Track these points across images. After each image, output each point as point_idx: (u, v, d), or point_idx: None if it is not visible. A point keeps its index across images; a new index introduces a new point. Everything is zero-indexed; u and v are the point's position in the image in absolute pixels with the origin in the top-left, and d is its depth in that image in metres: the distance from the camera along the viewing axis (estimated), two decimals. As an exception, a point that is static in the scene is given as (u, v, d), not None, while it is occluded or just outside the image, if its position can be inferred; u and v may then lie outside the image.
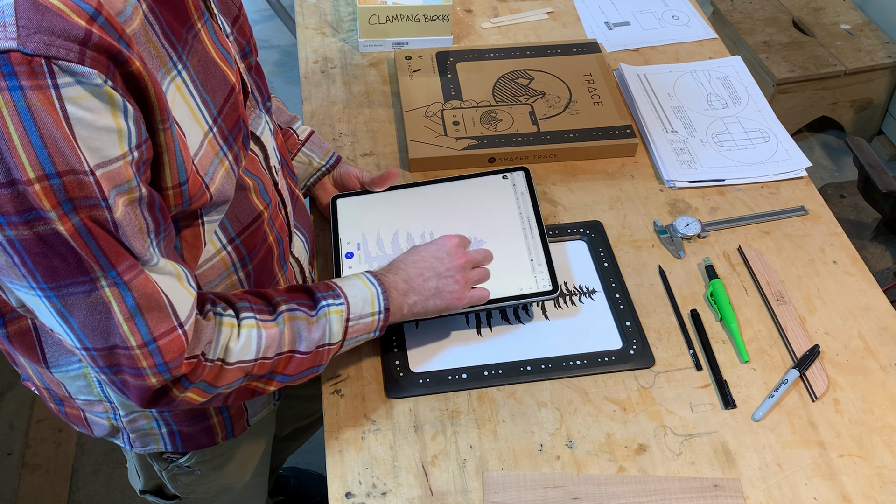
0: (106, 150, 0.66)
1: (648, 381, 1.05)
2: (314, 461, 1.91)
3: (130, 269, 0.71)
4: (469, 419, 1.01)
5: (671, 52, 1.56)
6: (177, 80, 0.75)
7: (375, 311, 0.93)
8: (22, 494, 1.87)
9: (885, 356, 1.08)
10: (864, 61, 2.55)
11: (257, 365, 0.85)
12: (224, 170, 0.82)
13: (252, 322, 0.85)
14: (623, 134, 1.34)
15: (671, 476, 0.96)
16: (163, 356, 0.76)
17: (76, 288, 0.70)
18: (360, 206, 1.19)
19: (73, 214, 0.65)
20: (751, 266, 1.18)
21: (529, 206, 1.17)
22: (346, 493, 0.94)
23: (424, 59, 1.47)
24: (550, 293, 1.07)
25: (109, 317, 0.72)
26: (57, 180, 0.63)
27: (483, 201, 1.18)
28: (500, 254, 1.11)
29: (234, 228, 0.90)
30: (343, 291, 0.92)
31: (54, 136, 0.62)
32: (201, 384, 0.81)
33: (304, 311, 0.89)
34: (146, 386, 0.78)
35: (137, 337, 0.74)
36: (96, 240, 0.68)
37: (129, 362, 0.75)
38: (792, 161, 1.34)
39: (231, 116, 0.83)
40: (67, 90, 0.62)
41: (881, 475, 0.97)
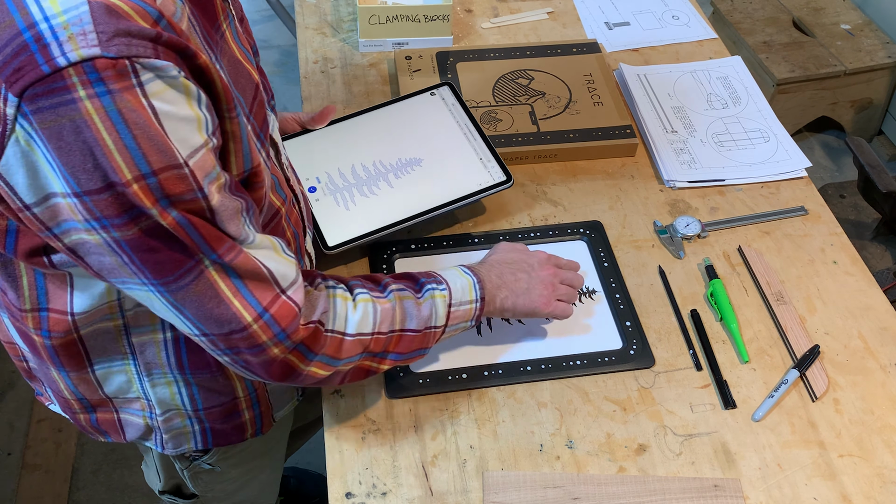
0: (191, 139, 0.67)
1: (648, 381, 1.05)
2: (314, 461, 1.91)
3: (230, 250, 0.74)
4: (469, 419, 1.01)
5: (671, 52, 1.57)
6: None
7: (473, 300, 0.96)
8: (22, 494, 1.87)
9: (885, 356, 1.09)
10: (864, 61, 2.55)
11: (374, 340, 0.88)
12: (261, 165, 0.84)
13: (367, 297, 0.88)
14: (623, 134, 1.34)
15: (671, 476, 0.96)
16: (278, 324, 0.78)
17: (184, 279, 0.72)
18: (306, 144, 1.23)
19: (171, 209, 0.67)
20: (751, 266, 1.18)
21: (464, 115, 1.25)
22: (346, 493, 0.94)
23: (424, 59, 1.47)
24: (505, 182, 1.17)
25: (220, 300, 0.75)
26: (154, 179, 0.65)
27: (420, 119, 1.26)
28: (451, 159, 1.20)
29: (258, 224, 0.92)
30: (444, 278, 0.96)
31: (148, 133, 0.64)
32: (323, 357, 0.84)
33: (411, 291, 0.92)
34: (270, 359, 0.80)
35: (251, 310, 0.76)
36: (196, 228, 0.70)
37: (248, 342, 0.78)
38: (792, 161, 1.34)
39: (259, 114, 0.85)
40: (150, 86, 0.63)
41: (881, 475, 0.97)
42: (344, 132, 1.24)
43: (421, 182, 1.18)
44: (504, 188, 1.17)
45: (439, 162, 1.20)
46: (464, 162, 1.20)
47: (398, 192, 1.16)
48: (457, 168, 1.19)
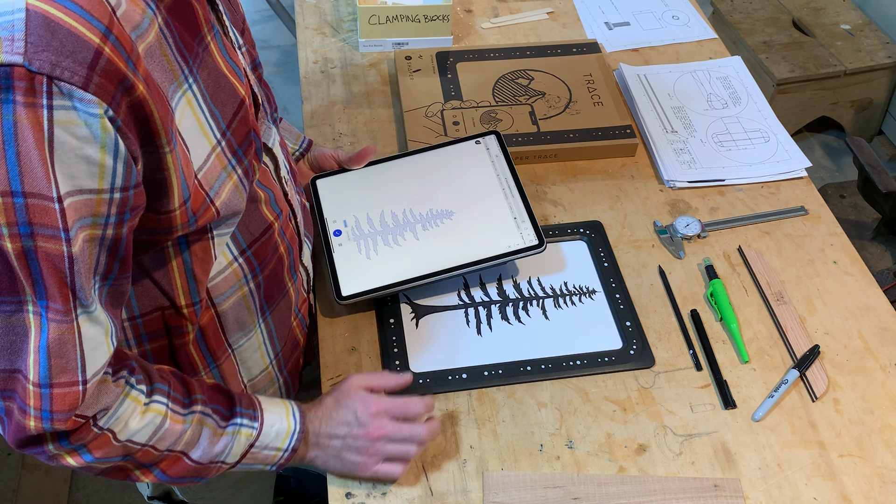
0: (82, 179, 0.63)
1: (648, 381, 1.05)
2: (314, 461, 1.90)
3: (59, 312, 0.67)
4: (469, 419, 1.01)
5: (671, 52, 1.57)
6: (188, 94, 0.74)
7: (284, 448, 0.89)
8: (22, 494, 1.87)
9: (885, 356, 1.08)
10: (864, 61, 2.55)
11: (143, 451, 0.80)
12: (232, 183, 0.81)
13: (161, 408, 0.80)
14: (623, 134, 1.34)
15: (671, 476, 0.96)
16: (51, 404, 0.70)
17: (2, 306, 0.66)
18: (340, 184, 1.19)
19: (27, 238, 0.63)
20: (751, 266, 1.18)
21: (506, 167, 1.20)
22: (346, 494, 0.94)
23: (424, 59, 1.47)
24: (537, 247, 1.10)
25: (25, 341, 0.68)
26: (21, 199, 0.61)
27: (460, 167, 1.20)
28: (484, 215, 1.14)
29: (246, 240, 0.89)
30: (262, 416, 0.87)
31: (31, 155, 0.60)
32: (80, 448, 0.76)
33: (216, 419, 0.84)
34: (23, 425, 0.72)
35: (35, 373, 0.69)
36: (41, 268, 0.65)
37: (23, 392, 0.70)
38: (792, 161, 1.34)
39: (240, 130, 0.81)
40: (60, 113, 0.60)
41: (881, 475, 0.97)
42: (380, 175, 1.20)
43: (449, 237, 1.12)
44: (535, 253, 1.10)
45: (471, 217, 1.14)
46: (497, 220, 1.13)
47: (423, 245, 1.11)
48: (488, 226, 1.13)
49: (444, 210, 1.15)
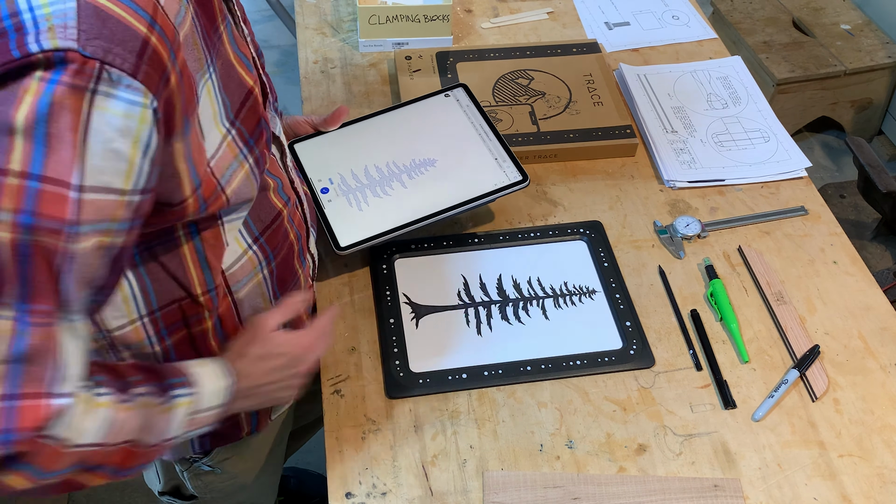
0: (108, 175, 0.62)
1: (648, 381, 1.05)
2: (314, 461, 1.90)
3: (44, 315, 0.62)
4: (469, 419, 1.01)
5: (671, 52, 1.56)
6: (208, 83, 0.75)
7: (219, 404, 0.83)
8: (22, 494, 1.87)
9: (885, 356, 1.08)
10: (864, 61, 2.55)
11: (95, 452, 0.70)
12: (244, 172, 0.81)
13: (108, 400, 0.70)
14: (623, 134, 1.34)
15: (671, 476, 0.96)
16: (16, 420, 0.61)
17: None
18: (319, 146, 1.22)
19: (25, 230, 0.59)
20: (751, 266, 1.18)
21: (478, 115, 1.23)
22: (346, 493, 0.94)
23: (424, 59, 1.47)
24: (522, 182, 1.15)
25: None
26: (36, 184, 0.59)
27: (434, 119, 1.24)
28: (466, 159, 1.18)
29: (258, 227, 0.90)
30: (195, 379, 0.80)
31: (62, 136, 0.59)
32: (29, 468, 0.65)
33: (156, 396, 0.76)
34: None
35: (5, 388, 0.61)
36: (32, 265, 0.60)
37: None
38: (792, 161, 1.34)
39: (250, 119, 0.81)
40: (101, 99, 0.60)
41: (881, 475, 0.97)
42: (357, 134, 1.23)
43: (435, 182, 1.16)
44: (520, 188, 1.15)
45: (454, 162, 1.18)
46: (479, 162, 1.18)
47: (412, 193, 1.14)
48: (472, 168, 1.17)
49: (426, 159, 1.18)
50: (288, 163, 0.99)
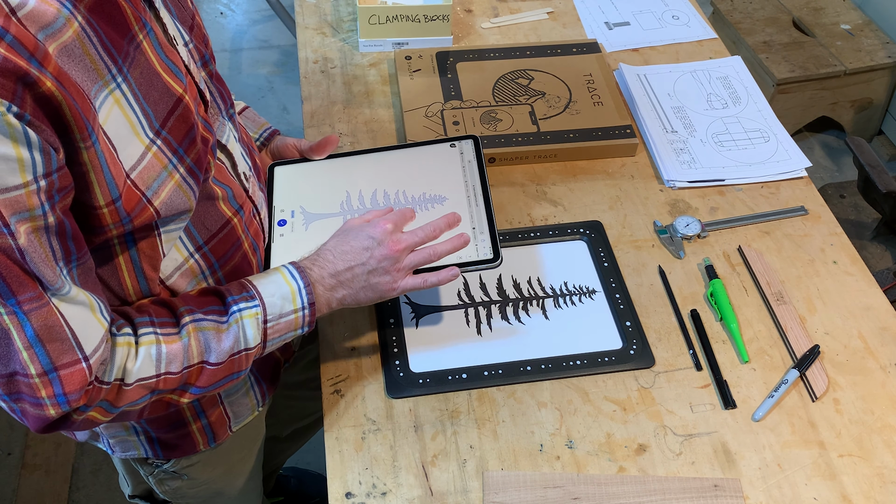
0: (3, 177, 0.64)
1: (648, 381, 1.05)
2: (314, 461, 1.91)
3: (32, 299, 0.69)
4: (469, 419, 1.01)
5: (671, 52, 1.57)
6: (115, 93, 0.73)
7: (299, 308, 0.89)
8: (22, 494, 1.87)
9: (885, 356, 1.08)
10: (864, 61, 2.55)
11: (161, 381, 0.81)
12: (174, 182, 0.80)
13: (151, 338, 0.81)
14: (623, 134, 1.34)
15: (671, 476, 0.96)
16: (63, 387, 0.73)
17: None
18: (299, 173, 1.13)
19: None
20: (751, 266, 1.18)
21: (476, 174, 1.11)
22: (346, 493, 0.94)
23: (424, 59, 1.47)
24: (491, 261, 1.01)
25: (9, 343, 0.70)
26: None
27: (428, 169, 1.12)
28: None
29: (202, 236, 0.89)
30: (258, 292, 0.87)
31: None
32: (102, 403, 0.78)
33: (213, 319, 0.84)
34: (45, 416, 0.74)
35: (37, 365, 0.71)
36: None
37: (29, 391, 0.73)
38: (792, 161, 1.34)
39: (179, 128, 0.80)
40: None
41: (881, 475, 0.97)
42: (339, 168, 1.14)
43: None
44: (486, 267, 1.02)
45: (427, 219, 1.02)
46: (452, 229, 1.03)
47: None
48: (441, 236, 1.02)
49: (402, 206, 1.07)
50: (242, 171, 0.96)
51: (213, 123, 0.90)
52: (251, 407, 1.09)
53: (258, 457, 1.26)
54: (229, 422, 1.06)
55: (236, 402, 1.06)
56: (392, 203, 1.08)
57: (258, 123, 1.18)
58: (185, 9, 0.90)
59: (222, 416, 1.05)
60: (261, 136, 1.17)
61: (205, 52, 0.92)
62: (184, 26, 0.88)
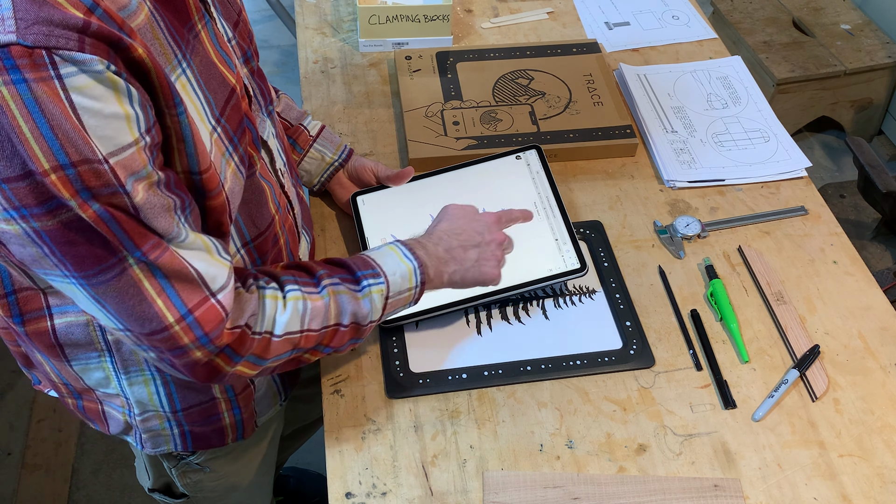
0: (117, 137, 0.66)
1: (648, 381, 1.05)
2: (314, 462, 1.91)
3: (155, 247, 0.72)
4: (469, 419, 1.01)
5: (671, 52, 1.57)
6: (182, 78, 0.75)
7: (413, 286, 0.94)
8: (22, 494, 1.87)
9: (885, 356, 1.08)
10: (864, 61, 2.55)
11: (304, 337, 0.86)
12: (231, 170, 0.82)
13: (298, 294, 0.85)
14: (623, 134, 1.34)
15: (671, 476, 0.96)
16: (202, 328, 0.77)
17: (106, 274, 0.70)
18: (381, 200, 1.20)
19: (92, 202, 0.66)
20: (751, 266, 1.18)
21: (546, 184, 1.19)
22: (346, 493, 0.94)
23: (424, 59, 1.47)
24: (579, 271, 1.10)
25: (142, 297, 0.73)
26: (72, 170, 0.64)
27: (501, 184, 1.20)
28: (525, 235, 1.13)
29: (251, 233, 0.92)
30: (382, 270, 0.92)
31: (64, 126, 0.62)
32: (251, 357, 0.83)
33: (348, 286, 0.90)
34: (193, 361, 0.79)
35: (174, 311, 0.75)
36: (119, 223, 0.68)
37: (170, 343, 0.76)
38: (792, 161, 1.34)
39: (234, 118, 0.83)
40: (71, 80, 0.62)
41: (881, 475, 0.97)
42: (420, 192, 1.20)
43: None
44: (576, 277, 1.09)
45: (513, 236, 1.09)
46: (538, 241, 1.13)
47: None
48: (529, 248, 1.12)
49: None
50: (279, 167, 0.98)
51: (255, 119, 0.92)
52: (274, 402, 1.10)
53: (273, 452, 1.27)
54: (256, 416, 1.08)
55: (262, 397, 1.07)
56: None
57: (335, 143, 1.22)
58: (233, 5, 0.92)
59: (252, 411, 1.06)
60: (339, 156, 1.21)
61: (248, 49, 0.95)
62: (228, 22, 0.90)
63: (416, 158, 1.29)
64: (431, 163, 1.30)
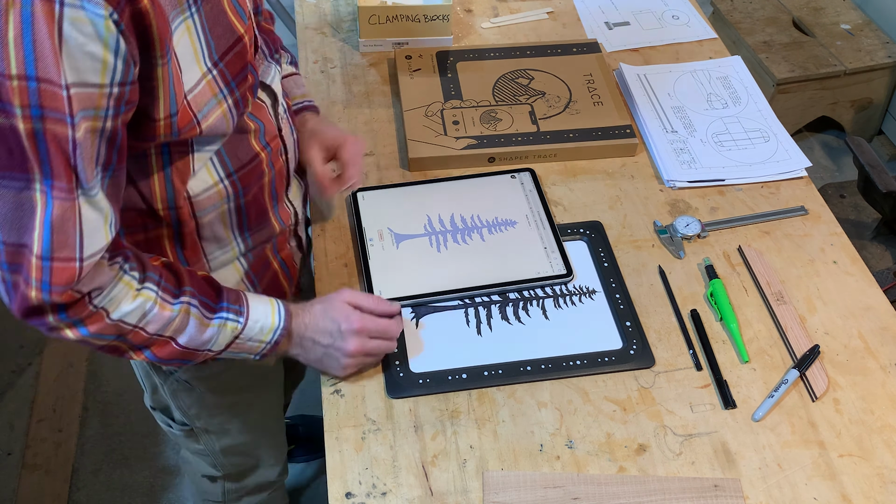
0: (86, 74, 0.71)
1: (648, 381, 1.05)
2: (314, 461, 1.90)
3: (63, 190, 0.75)
4: (469, 419, 1.01)
5: (671, 52, 1.56)
6: (188, 22, 0.82)
7: (266, 342, 0.98)
8: (22, 494, 1.87)
9: (885, 356, 1.09)
10: (864, 61, 2.55)
11: (133, 332, 0.88)
12: (221, 111, 0.88)
13: (152, 294, 0.88)
14: (623, 134, 1.34)
15: (671, 476, 0.96)
16: (51, 276, 0.79)
17: (11, 182, 0.74)
18: (381, 198, 1.25)
19: (37, 120, 0.71)
20: (751, 266, 1.18)
21: (538, 202, 1.24)
22: (346, 493, 0.94)
23: (424, 58, 1.47)
24: (565, 276, 1.14)
25: (32, 216, 0.76)
26: (34, 84, 0.69)
27: (495, 197, 1.25)
28: (517, 242, 1.18)
29: (234, 165, 0.97)
30: (248, 312, 0.96)
31: (44, 44, 0.68)
32: (77, 322, 0.84)
33: (204, 311, 0.92)
34: (27, 296, 0.80)
35: (39, 246, 0.77)
36: (49, 148, 0.72)
37: (28, 267, 0.79)
38: (792, 161, 1.34)
39: (235, 63, 0.88)
40: (70, 10, 0.68)
41: (881, 475, 0.97)
42: (416, 194, 1.25)
43: (479, 254, 1.17)
44: (561, 282, 1.14)
45: (503, 239, 1.19)
46: (527, 246, 1.18)
47: (455, 258, 1.16)
48: (519, 249, 1.17)
49: (478, 225, 1.20)
50: (280, 112, 1.03)
51: (259, 66, 0.98)
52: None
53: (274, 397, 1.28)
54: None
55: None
56: (468, 225, 1.20)
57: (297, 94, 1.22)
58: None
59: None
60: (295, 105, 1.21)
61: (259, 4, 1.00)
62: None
63: (415, 158, 1.29)
64: (431, 162, 1.30)
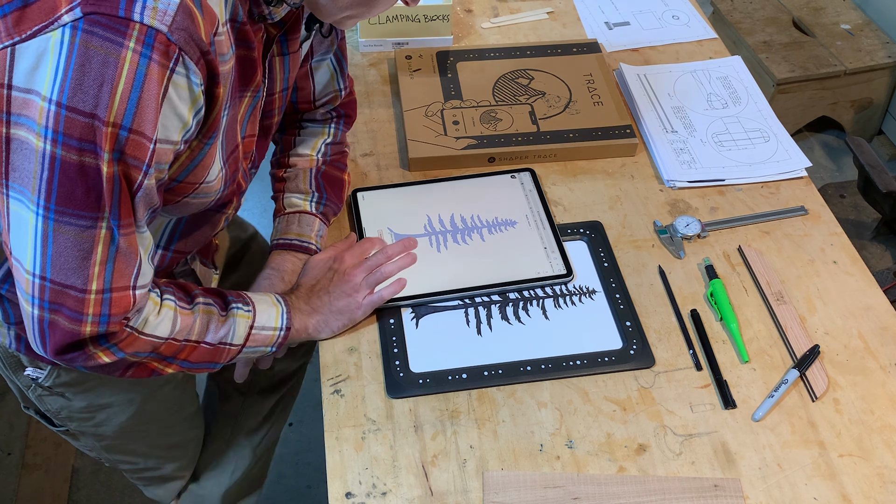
0: (171, 132, 0.79)
1: (648, 381, 1.05)
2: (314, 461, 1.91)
3: (129, 225, 0.81)
4: (469, 419, 1.01)
5: (671, 52, 1.56)
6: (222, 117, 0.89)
7: (278, 327, 1.02)
8: (22, 494, 1.87)
9: (885, 356, 1.08)
10: (864, 61, 2.55)
11: (166, 344, 0.92)
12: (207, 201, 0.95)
13: (172, 304, 0.93)
14: (623, 134, 1.34)
15: (671, 476, 0.96)
16: (111, 308, 0.83)
17: (79, 220, 0.78)
18: (380, 198, 1.25)
19: (118, 163, 0.76)
20: (751, 266, 1.18)
21: (538, 202, 1.24)
22: (346, 493, 0.94)
23: (424, 58, 1.47)
24: (565, 276, 1.14)
25: (88, 257, 0.80)
26: (125, 133, 0.75)
27: (495, 197, 1.25)
28: (517, 242, 1.18)
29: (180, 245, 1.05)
30: (252, 302, 1.01)
31: (149, 102, 0.75)
32: (113, 347, 0.88)
33: (217, 307, 0.98)
34: (75, 331, 0.83)
35: (100, 282, 0.81)
36: (121, 190, 0.78)
37: (75, 304, 0.82)
38: (792, 161, 1.34)
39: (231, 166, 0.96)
40: (177, 77, 0.76)
41: (881, 475, 0.97)
42: (416, 194, 1.26)
43: (478, 254, 1.17)
44: (561, 282, 1.14)
45: (503, 238, 1.19)
46: (527, 246, 1.18)
47: (454, 258, 1.16)
48: (518, 250, 1.17)
49: (478, 225, 1.21)
50: None
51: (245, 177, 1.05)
52: None
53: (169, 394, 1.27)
54: None
55: None
56: (468, 225, 1.21)
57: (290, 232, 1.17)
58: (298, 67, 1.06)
59: None
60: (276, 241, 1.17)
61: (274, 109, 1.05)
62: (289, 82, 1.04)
63: (415, 158, 1.29)
64: (431, 162, 1.30)
